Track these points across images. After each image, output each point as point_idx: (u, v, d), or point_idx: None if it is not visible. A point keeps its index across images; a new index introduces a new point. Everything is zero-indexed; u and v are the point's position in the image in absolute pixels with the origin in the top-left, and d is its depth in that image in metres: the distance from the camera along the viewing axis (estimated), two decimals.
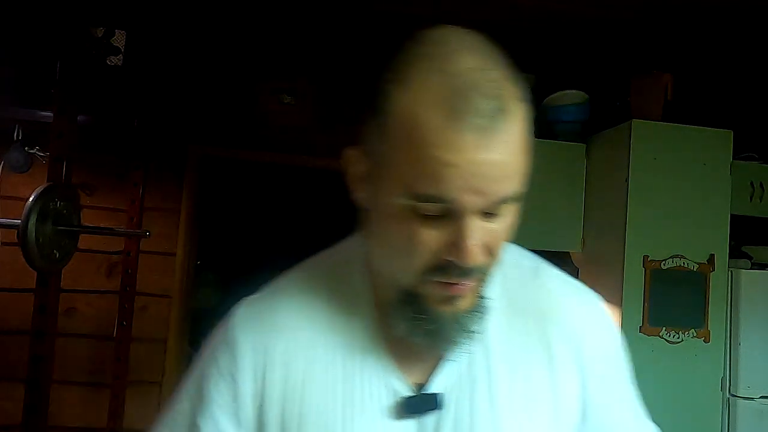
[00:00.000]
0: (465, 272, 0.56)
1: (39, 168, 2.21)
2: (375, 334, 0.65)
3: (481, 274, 0.59)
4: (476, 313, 0.61)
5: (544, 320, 0.68)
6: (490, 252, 0.57)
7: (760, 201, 2.43)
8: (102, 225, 2.42)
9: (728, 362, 2.21)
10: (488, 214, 0.55)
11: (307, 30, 2.59)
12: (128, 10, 2.42)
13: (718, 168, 2.25)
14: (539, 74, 2.49)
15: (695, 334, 2.16)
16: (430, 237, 0.55)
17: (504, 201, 0.55)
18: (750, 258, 2.45)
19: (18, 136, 2.26)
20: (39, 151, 2.25)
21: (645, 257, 2.16)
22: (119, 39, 2.34)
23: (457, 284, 0.57)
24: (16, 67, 2.40)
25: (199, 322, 3.40)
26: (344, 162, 0.63)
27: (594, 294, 0.74)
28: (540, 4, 2.12)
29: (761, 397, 2.18)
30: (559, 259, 1.34)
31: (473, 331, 0.61)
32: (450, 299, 0.59)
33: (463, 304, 0.60)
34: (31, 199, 1.54)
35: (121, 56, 2.35)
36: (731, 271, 2.25)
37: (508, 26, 2.33)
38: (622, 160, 2.19)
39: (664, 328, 2.14)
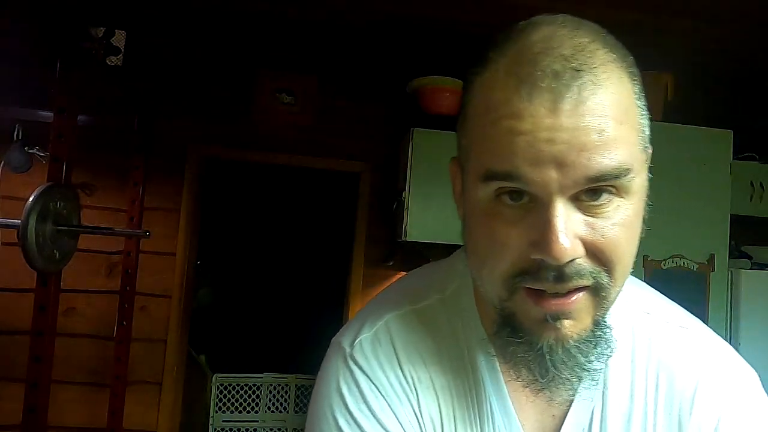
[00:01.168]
0: (560, 275, 0.47)
1: (39, 168, 2.21)
2: (490, 374, 0.58)
3: (586, 280, 0.48)
4: (592, 344, 0.50)
5: (677, 392, 0.57)
6: (596, 254, 0.47)
7: (760, 201, 2.43)
8: (102, 225, 2.42)
9: None
10: (584, 202, 0.46)
11: (307, 30, 2.59)
12: (128, 10, 2.42)
13: (718, 168, 2.25)
14: None
15: None
16: (516, 233, 0.47)
17: (594, 180, 0.45)
18: (750, 258, 2.45)
19: (18, 136, 2.26)
20: (39, 151, 2.25)
21: (645, 257, 2.16)
22: (119, 39, 2.34)
23: (555, 297, 0.48)
24: (16, 67, 2.40)
25: (199, 322, 3.41)
26: (450, 172, 0.58)
27: (749, 370, 0.60)
28: (540, 4, 2.12)
29: None
30: None
31: (591, 369, 0.50)
32: (551, 319, 0.49)
33: (571, 328, 0.49)
34: (31, 199, 1.54)
35: (121, 56, 2.35)
36: (731, 271, 2.25)
37: (507, 26, 2.33)
38: None
39: None
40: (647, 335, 0.59)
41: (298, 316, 4.53)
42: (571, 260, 0.46)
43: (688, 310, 0.65)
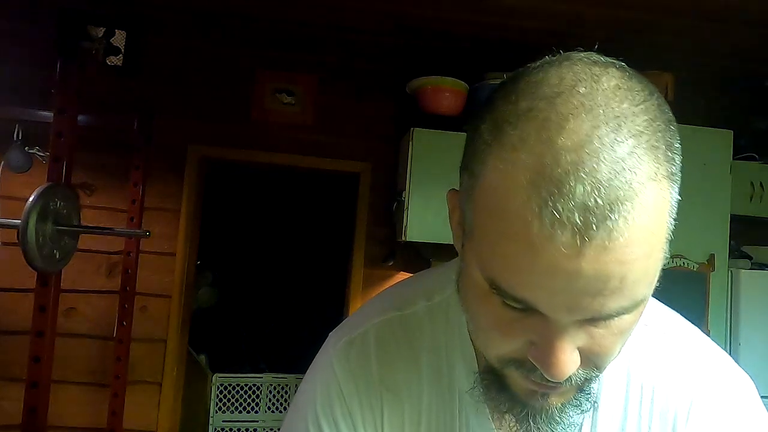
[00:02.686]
0: (554, 383, 0.45)
1: (39, 168, 2.21)
2: (478, 396, 0.55)
3: (576, 379, 0.46)
4: (576, 406, 0.50)
5: (672, 407, 0.56)
6: (590, 359, 0.45)
7: (760, 201, 2.43)
8: (102, 225, 2.42)
9: None
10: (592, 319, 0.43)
11: (307, 30, 2.59)
12: (128, 10, 2.42)
13: (718, 168, 2.25)
14: None
15: None
16: (514, 329, 0.44)
17: (604, 318, 0.42)
18: (750, 258, 2.45)
19: (18, 136, 2.26)
20: (39, 151, 2.25)
21: None
22: (119, 39, 2.34)
23: (545, 385, 0.47)
24: (16, 67, 2.40)
25: (199, 322, 3.41)
26: (448, 201, 0.53)
27: (745, 381, 0.60)
28: (540, 5, 2.12)
29: (762, 397, 2.18)
30: None
31: (572, 423, 0.51)
32: (540, 395, 0.48)
33: (557, 399, 0.49)
34: (31, 199, 1.54)
35: (121, 56, 2.34)
36: (731, 271, 2.25)
37: (508, 27, 2.33)
38: None
39: None
40: (644, 349, 0.57)
41: (298, 316, 4.53)
42: None
43: (688, 310, 0.64)
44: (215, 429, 3.56)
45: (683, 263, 2.19)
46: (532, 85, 0.42)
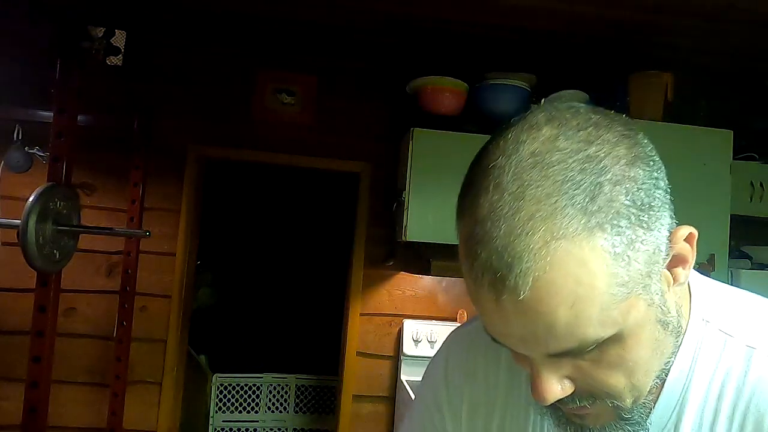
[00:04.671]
0: (578, 406, 0.50)
1: (39, 168, 2.20)
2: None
3: (587, 402, 0.50)
4: (625, 426, 0.51)
5: None
6: (589, 391, 0.49)
7: (760, 201, 2.43)
8: (102, 225, 2.42)
9: None
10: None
11: (307, 30, 2.59)
12: (128, 10, 2.42)
13: (718, 168, 2.25)
14: (539, 74, 2.49)
15: None
16: (520, 360, 0.51)
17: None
18: (750, 258, 2.45)
19: (18, 136, 2.26)
20: (39, 151, 2.25)
21: None
22: (119, 39, 2.34)
23: (570, 408, 0.51)
24: (16, 67, 2.40)
25: (199, 322, 3.41)
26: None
27: None
28: (540, 4, 2.12)
29: None
30: None
31: None
32: (573, 414, 0.52)
33: (592, 421, 0.52)
34: (31, 199, 1.54)
35: (121, 56, 2.35)
36: (731, 271, 2.25)
37: (508, 27, 2.33)
38: None
39: None
40: (726, 367, 0.54)
41: (298, 316, 4.53)
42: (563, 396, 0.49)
43: None
44: (215, 429, 3.56)
45: None
46: (480, 155, 0.48)
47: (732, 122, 2.36)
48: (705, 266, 2.20)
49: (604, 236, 0.42)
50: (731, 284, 0.61)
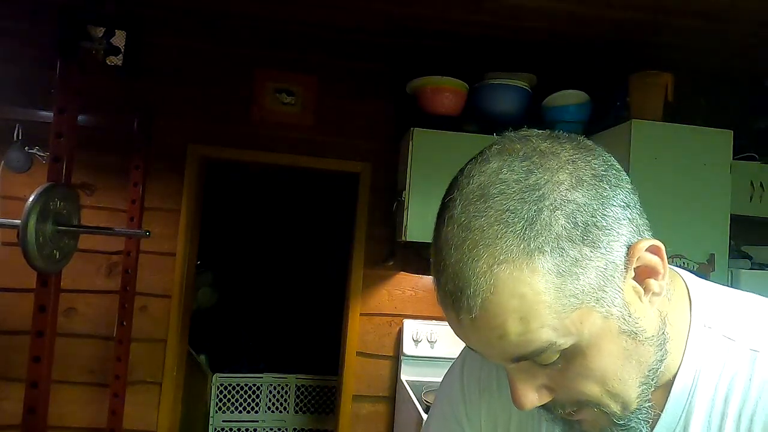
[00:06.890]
0: (551, 408, 0.54)
1: (39, 168, 2.21)
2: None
3: (570, 409, 0.53)
4: (620, 431, 0.54)
5: None
6: (566, 398, 0.52)
7: (760, 201, 2.43)
8: (102, 225, 2.42)
9: None
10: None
11: (307, 30, 2.59)
12: (128, 10, 2.42)
13: (718, 168, 2.25)
14: (539, 74, 2.49)
15: None
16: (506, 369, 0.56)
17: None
18: (750, 258, 2.45)
19: (18, 136, 2.26)
20: (39, 151, 2.25)
21: None
22: (119, 39, 2.34)
23: (562, 413, 0.55)
24: (16, 67, 2.40)
25: (199, 322, 3.41)
26: None
27: None
28: (540, 5, 2.12)
29: None
30: None
31: None
32: (570, 419, 0.55)
33: (589, 426, 0.55)
34: (31, 199, 1.54)
35: (121, 56, 2.35)
36: (731, 271, 2.25)
37: (508, 27, 2.33)
38: (622, 160, 2.18)
39: None
40: (731, 372, 0.54)
41: (298, 316, 4.53)
42: (543, 404, 0.53)
43: None
44: (215, 429, 3.56)
45: (683, 263, 2.19)
46: (450, 185, 0.53)
47: (732, 122, 2.35)
48: (705, 266, 2.20)
49: (544, 258, 0.46)
50: (731, 284, 0.61)
